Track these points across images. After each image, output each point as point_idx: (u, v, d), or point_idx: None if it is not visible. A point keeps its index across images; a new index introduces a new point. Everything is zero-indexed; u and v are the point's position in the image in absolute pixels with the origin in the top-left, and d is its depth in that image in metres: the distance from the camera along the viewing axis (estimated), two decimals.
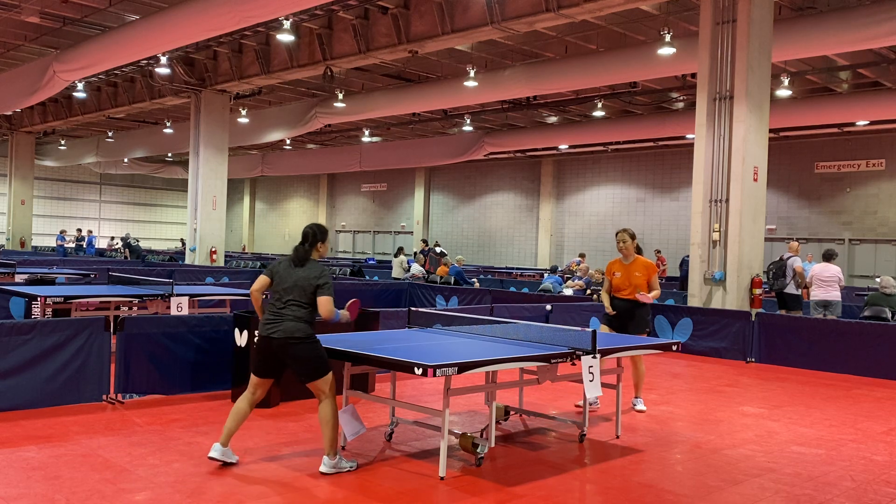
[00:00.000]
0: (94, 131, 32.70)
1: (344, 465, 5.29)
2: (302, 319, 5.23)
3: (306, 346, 5.21)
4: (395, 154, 30.34)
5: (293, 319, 5.22)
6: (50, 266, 16.54)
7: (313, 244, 5.38)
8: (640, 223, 29.55)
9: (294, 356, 5.22)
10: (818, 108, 19.81)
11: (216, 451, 5.29)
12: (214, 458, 5.28)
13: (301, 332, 5.21)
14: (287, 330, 5.20)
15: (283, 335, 5.20)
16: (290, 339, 5.19)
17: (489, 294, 14.97)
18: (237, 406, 5.35)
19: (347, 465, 5.31)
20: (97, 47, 17.18)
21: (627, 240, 7.69)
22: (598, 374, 5.80)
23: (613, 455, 6.11)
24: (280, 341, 5.21)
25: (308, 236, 5.40)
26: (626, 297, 7.68)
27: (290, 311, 5.25)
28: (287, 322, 5.22)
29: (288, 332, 5.19)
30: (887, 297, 11.95)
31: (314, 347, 5.26)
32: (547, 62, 17.77)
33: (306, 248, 5.36)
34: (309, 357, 5.22)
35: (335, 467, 5.24)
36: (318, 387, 5.27)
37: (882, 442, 6.85)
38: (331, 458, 5.24)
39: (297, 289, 5.26)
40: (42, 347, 6.76)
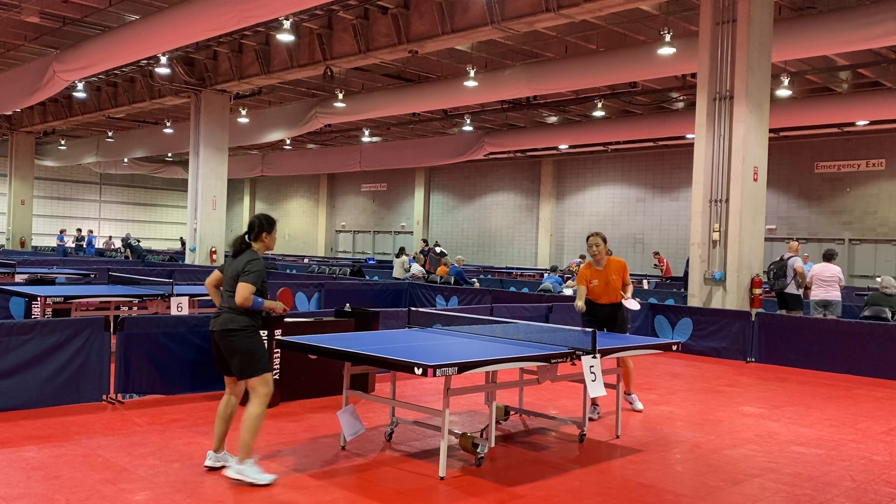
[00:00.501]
0: (94, 131, 32.70)
1: (252, 474, 4.88)
2: (237, 311, 5.05)
3: (240, 338, 5.02)
4: (395, 154, 30.34)
5: (229, 310, 5.08)
6: (50, 266, 16.54)
7: (258, 235, 5.23)
8: (640, 223, 29.57)
9: (228, 348, 5.05)
10: (818, 108, 19.81)
11: (210, 460, 5.23)
12: (211, 468, 5.19)
13: (236, 323, 5.04)
14: (222, 322, 5.07)
15: (219, 327, 5.08)
16: (225, 331, 5.04)
17: (489, 294, 14.97)
18: (219, 409, 5.25)
19: (256, 477, 4.87)
20: (97, 47, 17.18)
21: (601, 243, 7.39)
22: (601, 374, 5.80)
23: (613, 455, 6.11)
24: (218, 333, 5.08)
25: (253, 226, 5.25)
26: (607, 302, 7.46)
27: (226, 302, 5.12)
28: (223, 314, 5.09)
29: (223, 324, 5.06)
30: (887, 297, 11.95)
31: (249, 340, 5.04)
32: (547, 62, 17.77)
33: (245, 239, 5.21)
34: (243, 350, 5.02)
35: (240, 473, 4.89)
36: (252, 385, 5.04)
37: (882, 442, 6.85)
38: (237, 462, 4.93)
39: (231, 279, 5.11)
40: (42, 347, 6.76)
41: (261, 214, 5.36)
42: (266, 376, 5.07)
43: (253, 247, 5.24)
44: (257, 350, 5.08)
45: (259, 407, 5.00)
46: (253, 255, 5.16)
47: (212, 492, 4.84)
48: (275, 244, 5.39)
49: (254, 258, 5.13)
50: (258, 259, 5.15)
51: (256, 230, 5.25)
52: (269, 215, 5.38)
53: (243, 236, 5.25)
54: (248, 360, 5.03)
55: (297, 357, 7.06)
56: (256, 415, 4.97)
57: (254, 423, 4.96)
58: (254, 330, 5.10)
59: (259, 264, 5.10)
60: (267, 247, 5.29)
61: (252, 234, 5.25)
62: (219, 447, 5.25)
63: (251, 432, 4.95)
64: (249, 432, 4.95)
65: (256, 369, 5.04)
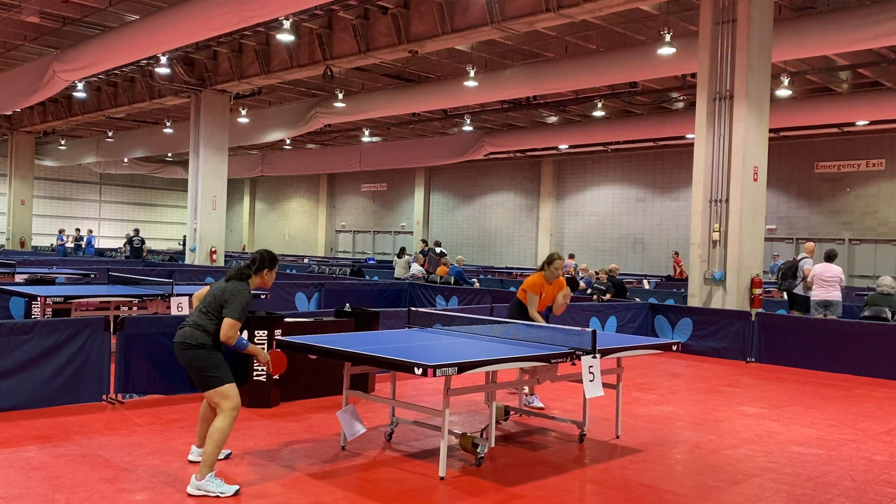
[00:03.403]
0: (94, 131, 32.70)
1: (212, 488, 4.75)
2: (201, 328, 5.00)
3: (195, 353, 4.97)
4: (395, 154, 30.34)
5: (192, 325, 5.03)
6: (50, 266, 16.54)
7: (258, 269, 5.18)
8: (640, 223, 29.56)
9: (185, 363, 5.03)
10: (818, 108, 19.80)
11: (194, 454, 5.34)
12: (193, 462, 5.30)
13: (194, 338, 4.98)
14: (183, 334, 5.02)
15: (178, 339, 5.03)
16: (182, 345, 4.99)
17: (489, 294, 14.97)
18: (200, 409, 5.38)
19: (217, 490, 4.75)
20: (97, 47, 17.18)
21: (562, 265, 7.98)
22: (599, 374, 5.81)
23: (613, 455, 6.11)
24: (176, 345, 5.05)
25: (255, 260, 5.22)
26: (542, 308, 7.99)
27: (194, 317, 5.07)
28: (186, 327, 5.05)
29: (182, 337, 5.01)
30: (887, 297, 11.94)
31: (204, 357, 4.97)
32: (547, 62, 17.76)
33: (246, 271, 5.16)
34: (197, 366, 4.97)
35: (200, 489, 4.75)
36: (211, 398, 5.00)
37: (882, 442, 6.85)
38: (196, 478, 4.79)
39: (210, 298, 5.06)
40: (42, 347, 6.76)
41: (266, 251, 5.28)
42: (224, 389, 4.95)
43: (251, 279, 5.16)
44: (212, 365, 4.98)
45: (223, 421, 4.89)
46: (242, 287, 5.05)
47: None
48: (272, 283, 5.32)
49: (242, 289, 5.03)
50: (246, 291, 5.04)
51: (257, 265, 5.19)
52: (274, 254, 5.31)
53: (247, 266, 5.19)
54: (203, 374, 4.97)
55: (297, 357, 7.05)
56: (220, 428, 4.87)
57: (218, 437, 4.85)
58: (212, 348, 5.00)
59: (245, 297, 5.00)
60: (264, 283, 5.21)
61: (253, 266, 5.19)
62: (201, 444, 5.33)
63: (215, 445, 4.84)
64: (213, 444, 4.83)
65: (212, 383, 4.96)
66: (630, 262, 28.71)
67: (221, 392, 4.96)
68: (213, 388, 4.97)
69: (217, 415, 4.96)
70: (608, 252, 29.79)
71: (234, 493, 4.79)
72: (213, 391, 4.97)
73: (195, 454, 5.35)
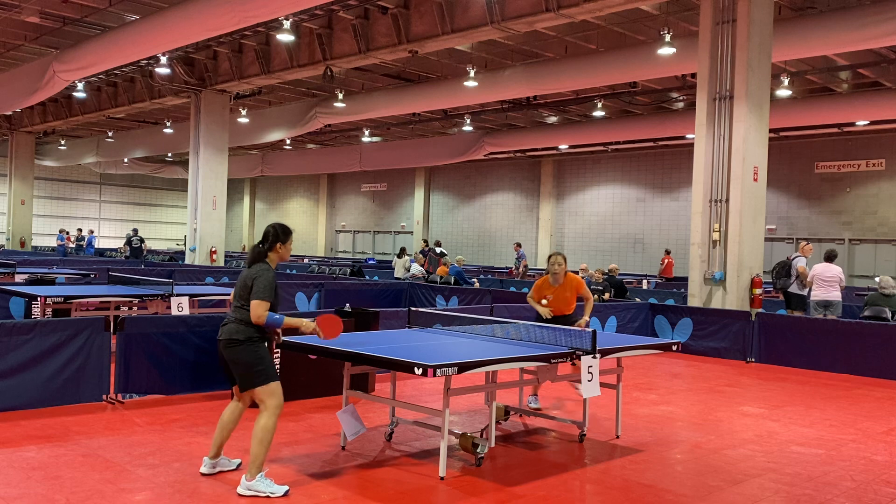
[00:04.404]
0: (94, 131, 32.70)
1: (263, 488, 4.74)
2: (241, 321, 4.91)
3: (242, 350, 4.88)
4: (395, 154, 30.33)
5: (233, 321, 4.95)
6: (50, 266, 16.54)
7: (272, 245, 5.04)
8: (640, 223, 29.55)
9: (231, 360, 4.93)
10: (818, 108, 19.80)
11: (206, 466, 5.14)
12: (206, 474, 5.12)
13: (239, 333, 4.89)
14: (227, 332, 4.94)
15: (223, 337, 4.95)
16: (228, 342, 4.91)
17: (489, 294, 14.97)
18: (223, 416, 5.14)
19: (267, 490, 4.74)
20: (97, 47, 17.18)
21: (562, 262, 7.67)
22: (597, 375, 5.81)
23: (613, 455, 6.11)
24: (222, 343, 4.95)
25: (267, 235, 5.07)
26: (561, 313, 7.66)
27: (232, 313, 5.00)
28: (229, 324, 4.96)
29: (227, 335, 4.93)
30: (886, 297, 11.94)
31: (251, 351, 4.89)
32: (547, 62, 17.76)
33: (261, 249, 5.05)
34: (244, 361, 4.88)
35: (251, 489, 4.75)
36: (258, 396, 4.90)
37: (882, 442, 6.85)
38: (247, 479, 4.77)
39: (239, 288, 4.97)
40: (42, 347, 6.76)
41: (276, 224, 5.14)
42: (271, 386, 4.88)
43: (267, 257, 5.05)
44: (261, 361, 4.89)
45: (269, 419, 4.83)
46: (262, 268, 4.96)
47: (211, 492, 4.84)
48: (289, 254, 5.19)
49: (262, 270, 4.94)
50: (267, 271, 4.95)
51: (271, 240, 5.05)
52: (285, 225, 5.16)
53: (259, 245, 5.08)
54: (250, 371, 4.88)
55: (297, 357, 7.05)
56: (266, 427, 4.82)
57: (265, 436, 4.80)
58: (258, 341, 4.93)
59: (267, 276, 4.90)
60: (281, 257, 5.08)
61: (266, 243, 5.05)
62: (215, 454, 5.17)
63: (262, 445, 4.78)
64: (261, 445, 4.78)
65: (259, 380, 4.87)
66: (630, 262, 28.71)
67: (268, 389, 4.88)
68: (260, 384, 4.87)
69: (260, 412, 4.88)
70: (608, 252, 29.78)
71: (284, 493, 4.77)
72: (260, 388, 4.88)
73: (207, 466, 5.14)
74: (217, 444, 5.15)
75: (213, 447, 5.16)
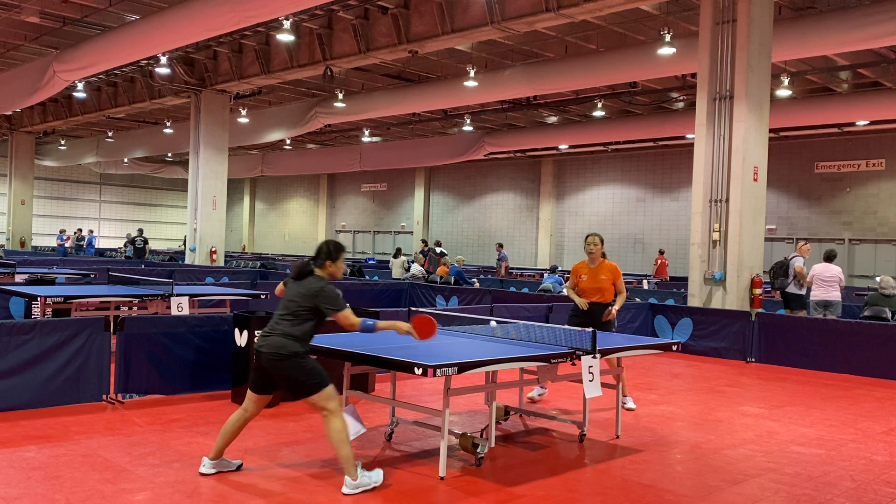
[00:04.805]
0: (94, 131, 32.70)
1: (366, 481, 4.93)
2: (290, 335, 4.93)
3: (290, 366, 4.91)
4: (395, 154, 30.34)
5: (280, 335, 4.95)
6: (50, 266, 16.54)
7: (322, 262, 5.10)
8: (640, 223, 29.56)
9: (280, 373, 4.97)
10: (818, 108, 19.81)
11: (206, 466, 5.13)
12: (205, 474, 5.10)
13: (286, 348, 4.91)
14: (273, 345, 4.93)
15: (269, 350, 4.94)
16: (275, 356, 4.92)
17: (489, 294, 14.97)
18: (230, 421, 5.14)
19: (370, 481, 4.94)
20: (97, 47, 17.18)
21: (598, 243, 7.67)
22: (598, 375, 5.81)
23: (613, 455, 6.11)
24: (266, 356, 4.96)
25: (320, 252, 5.13)
26: (595, 300, 7.69)
27: (279, 325, 5.00)
28: (275, 337, 4.96)
29: (273, 348, 4.92)
30: (886, 297, 11.95)
31: (300, 366, 4.93)
32: (547, 62, 17.76)
33: (311, 264, 5.11)
34: (294, 377, 4.93)
35: (358, 487, 4.88)
36: (314, 403, 4.95)
37: (882, 442, 6.85)
38: (352, 479, 4.88)
39: (291, 303, 5.01)
40: (42, 347, 6.76)
41: (329, 241, 5.21)
42: (326, 391, 4.93)
43: (319, 272, 5.09)
44: (311, 373, 4.94)
45: (336, 421, 4.92)
46: (320, 281, 5.02)
47: (211, 492, 4.84)
48: (340, 273, 5.23)
49: (321, 283, 5.01)
50: (326, 286, 5.01)
51: (323, 256, 5.10)
52: (338, 242, 5.19)
53: (310, 261, 5.14)
54: (303, 383, 4.93)
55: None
56: (338, 429, 4.91)
57: (341, 437, 4.89)
58: (304, 355, 4.98)
59: (330, 288, 4.99)
60: (332, 275, 5.11)
61: (317, 259, 5.11)
62: (216, 456, 5.16)
63: (345, 444, 4.89)
64: (344, 445, 4.89)
65: (313, 389, 4.92)
66: (630, 262, 28.71)
67: (324, 395, 4.93)
68: (316, 393, 4.92)
69: (325, 418, 4.93)
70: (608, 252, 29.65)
71: (380, 479, 5.00)
72: (317, 396, 4.92)
73: (207, 466, 5.12)
74: (219, 447, 5.15)
75: (215, 449, 5.16)
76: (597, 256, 7.71)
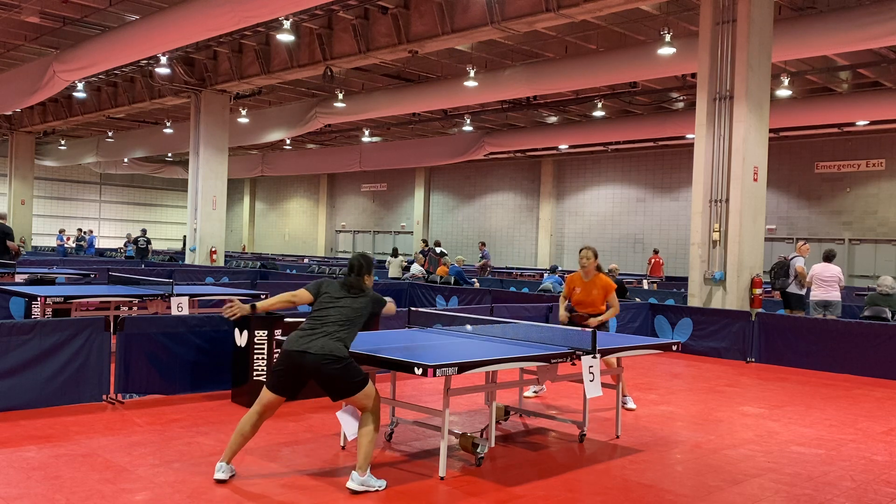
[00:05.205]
0: (94, 131, 32.70)
1: (373, 483, 4.97)
2: (342, 340, 5.07)
3: (344, 367, 5.00)
4: (395, 154, 30.34)
5: (335, 339, 5.04)
6: (50, 266, 16.54)
7: (361, 275, 5.38)
8: (640, 223, 29.56)
9: (329, 375, 4.99)
10: (818, 108, 19.81)
11: (223, 472, 5.01)
12: (222, 480, 4.99)
13: (339, 352, 5.01)
14: (323, 346, 4.98)
15: (318, 351, 4.96)
16: (329, 358, 4.96)
17: (489, 294, 14.97)
18: (243, 424, 5.09)
19: (377, 485, 4.98)
20: (97, 47, 17.18)
21: (591, 257, 7.69)
22: (599, 374, 5.81)
23: (613, 455, 6.11)
24: (315, 357, 4.96)
25: (354, 267, 5.38)
26: (588, 312, 7.72)
27: (331, 328, 5.08)
28: (325, 339, 5.02)
29: (325, 350, 4.97)
30: (886, 297, 11.95)
31: (351, 368, 5.05)
32: (547, 62, 17.77)
33: (357, 279, 5.36)
34: (345, 376, 5.01)
35: (364, 484, 4.93)
36: (359, 402, 5.08)
37: (882, 442, 6.85)
38: (360, 474, 4.95)
39: (348, 312, 5.19)
40: (42, 347, 6.76)
41: (361, 255, 5.53)
42: (369, 388, 5.08)
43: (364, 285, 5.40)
44: (356, 371, 5.07)
45: (375, 421, 5.06)
46: (376, 296, 5.44)
47: (211, 492, 4.84)
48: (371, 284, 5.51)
49: (377, 297, 5.46)
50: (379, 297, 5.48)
51: (359, 270, 5.39)
52: (368, 255, 5.58)
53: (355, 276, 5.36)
54: (351, 383, 5.03)
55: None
56: (375, 428, 5.05)
57: (374, 437, 5.04)
58: (352, 361, 5.11)
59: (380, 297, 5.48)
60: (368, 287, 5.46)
61: (356, 273, 5.38)
62: (231, 459, 5.10)
63: (371, 443, 5.02)
64: (372, 444, 5.02)
65: (359, 387, 5.05)
66: (630, 262, 28.72)
67: (367, 392, 5.07)
68: (362, 390, 5.05)
69: (363, 413, 5.06)
70: (608, 252, 29.77)
71: (383, 486, 5.03)
72: (362, 393, 5.05)
73: (225, 471, 5.03)
74: (234, 451, 5.09)
75: (230, 453, 5.08)
76: (590, 270, 7.72)
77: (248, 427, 5.09)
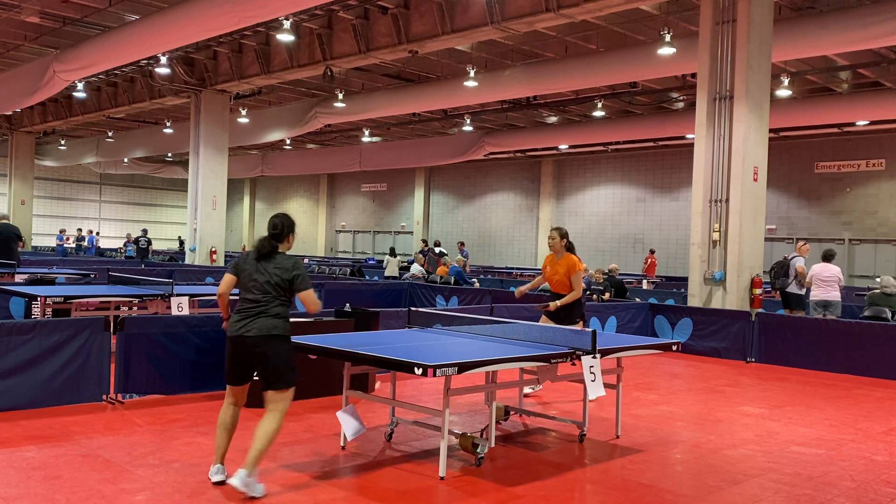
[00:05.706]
0: (94, 131, 32.70)
1: (254, 486, 4.69)
2: (279, 316, 4.88)
3: (283, 345, 4.87)
4: (395, 154, 30.34)
5: (273, 316, 4.87)
6: (50, 266, 16.53)
7: (287, 235, 5.07)
8: (640, 223, 29.55)
9: (265, 355, 4.82)
10: (818, 108, 19.81)
11: (219, 473, 4.95)
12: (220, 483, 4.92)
13: (279, 329, 4.86)
14: (265, 326, 4.84)
15: (257, 332, 4.82)
16: (266, 337, 4.81)
17: (489, 294, 14.96)
18: (222, 420, 5.01)
19: (259, 492, 4.70)
20: (97, 47, 17.18)
21: (556, 237, 8.04)
22: (600, 374, 5.81)
23: (613, 455, 6.11)
24: (254, 339, 4.82)
25: (279, 227, 5.05)
26: (559, 292, 8.05)
27: (265, 307, 4.89)
28: (262, 318, 4.86)
29: (264, 329, 4.83)
30: (887, 297, 11.94)
31: (288, 351, 4.90)
32: (547, 62, 17.77)
33: (273, 242, 5.02)
34: (282, 360, 4.85)
35: (247, 485, 4.66)
36: (275, 398, 4.85)
37: (882, 442, 6.85)
38: (247, 473, 4.69)
39: (272, 284, 4.91)
40: (42, 347, 6.75)
41: (282, 214, 5.15)
42: (292, 391, 4.94)
43: (281, 248, 5.06)
44: (292, 365, 4.92)
45: (279, 423, 4.84)
46: (295, 259, 4.99)
47: (211, 492, 4.84)
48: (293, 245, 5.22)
49: (298, 261, 4.99)
50: (300, 261, 5.02)
51: (286, 231, 5.08)
52: (289, 215, 5.19)
53: (271, 238, 5.03)
54: (284, 370, 4.87)
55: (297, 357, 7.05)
56: (276, 430, 4.83)
57: (272, 439, 4.82)
58: (290, 339, 4.95)
59: (303, 266, 5.00)
60: (288, 248, 5.13)
61: (278, 234, 5.05)
62: (223, 458, 5.05)
63: (269, 445, 4.80)
64: (269, 445, 4.80)
65: (287, 383, 4.88)
66: (630, 262, 28.71)
67: (289, 394, 4.92)
68: (287, 388, 4.89)
69: (272, 413, 4.84)
70: (608, 252, 29.78)
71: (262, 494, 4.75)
72: (286, 392, 4.89)
73: (220, 474, 4.96)
74: (223, 450, 5.03)
75: (220, 451, 5.03)
76: (557, 249, 8.05)
77: (227, 418, 5.02)
